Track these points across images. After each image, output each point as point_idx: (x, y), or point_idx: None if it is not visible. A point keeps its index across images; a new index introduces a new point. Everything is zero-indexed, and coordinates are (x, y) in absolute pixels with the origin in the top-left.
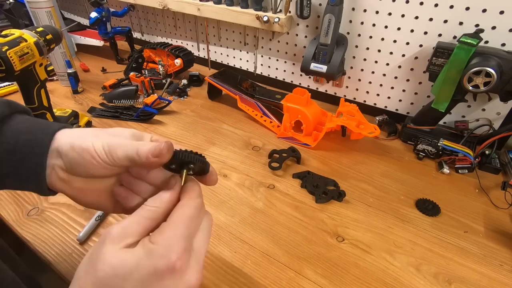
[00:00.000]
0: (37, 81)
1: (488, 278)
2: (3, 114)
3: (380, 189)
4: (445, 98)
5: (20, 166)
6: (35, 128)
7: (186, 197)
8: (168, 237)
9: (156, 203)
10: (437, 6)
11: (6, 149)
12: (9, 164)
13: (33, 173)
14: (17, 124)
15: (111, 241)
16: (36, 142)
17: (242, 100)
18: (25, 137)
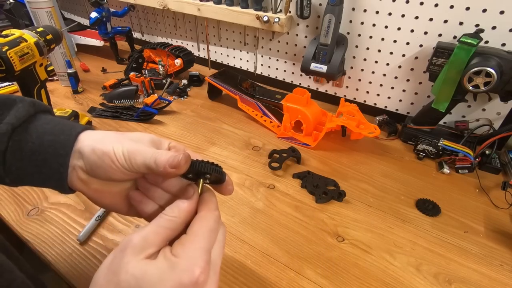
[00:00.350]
0: (37, 81)
1: (488, 278)
2: (28, 114)
3: (380, 189)
4: (445, 98)
5: (44, 165)
6: (59, 129)
7: (205, 209)
8: (191, 251)
9: (175, 212)
10: (437, 6)
11: (31, 149)
12: (33, 163)
13: (56, 172)
14: (42, 124)
15: (132, 250)
16: (60, 143)
17: (242, 100)
18: (49, 138)
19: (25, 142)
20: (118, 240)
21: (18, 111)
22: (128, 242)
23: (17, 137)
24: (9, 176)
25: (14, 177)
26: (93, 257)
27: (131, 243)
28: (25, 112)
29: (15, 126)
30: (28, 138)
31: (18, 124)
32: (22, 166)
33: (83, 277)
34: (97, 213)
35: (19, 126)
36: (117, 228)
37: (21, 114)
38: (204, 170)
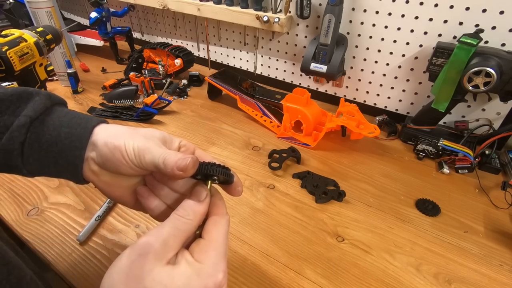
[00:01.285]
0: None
1: (488, 278)
2: (45, 106)
3: (380, 189)
4: (445, 98)
5: (60, 157)
6: (75, 122)
7: (219, 212)
8: (213, 257)
9: (190, 215)
10: (437, 6)
11: (48, 141)
12: (50, 155)
13: (71, 164)
14: (59, 117)
15: (155, 256)
16: (76, 136)
17: (242, 100)
18: (66, 131)
19: (43, 134)
20: (118, 240)
21: (35, 103)
22: (149, 248)
23: (35, 129)
24: (26, 167)
25: (31, 168)
26: (93, 257)
27: (153, 248)
28: (42, 105)
29: (33, 118)
30: (45, 130)
31: (35, 116)
32: (39, 157)
33: (83, 277)
34: (96, 213)
35: (37, 118)
36: (117, 228)
37: (39, 107)
38: (211, 173)
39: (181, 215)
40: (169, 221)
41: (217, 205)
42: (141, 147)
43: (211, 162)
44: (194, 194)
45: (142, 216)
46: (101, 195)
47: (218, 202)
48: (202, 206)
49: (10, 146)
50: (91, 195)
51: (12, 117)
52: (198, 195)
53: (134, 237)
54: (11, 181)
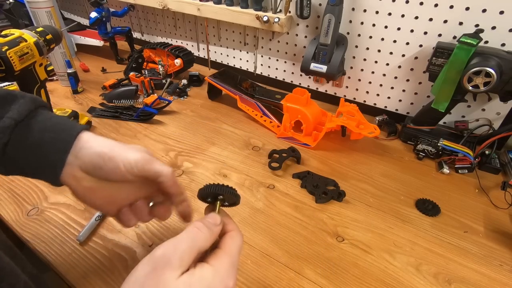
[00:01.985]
0: (37, 81)
1: (488, 278)
2: (29, 109)
3: (380, 189)
4: (445, 98)
5: (42, 159)
6: (59, 128)
7: (235, 229)
8: (226, 263)
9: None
10: (437, 6)
11: (32, 143)
12: (33, 157)
13: (51, 166)
14: (44, 120)
15: (171, 271)
16: (60, 141)
17: (242, 100)
18: (50, 135)
19: (26, 137)
20: (118, 240)
21: (20, 106)
22: (166, 261)
23: (19, 131)
24: (5, 166)
25: (10, 168)
26: (93, 257)
27: (169, 262)
28: (27, 107)
29: (18, 121)
30: (29, 133)
31: (20, 119)
32: (20, 158)
33: (82, 277)
34: (96, 213)
35: (22, 121)
36: (116, 228)
37: (23, 109)
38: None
39: (199, 229)
40: (186, 235)
41: (231, 224)
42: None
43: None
44: (209, 217)
45: None
46: None
47: (231, 221)
48: (219, 228)
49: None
50: None
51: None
52: (213, 218)
53: (134, 237)
54: (11, 181)
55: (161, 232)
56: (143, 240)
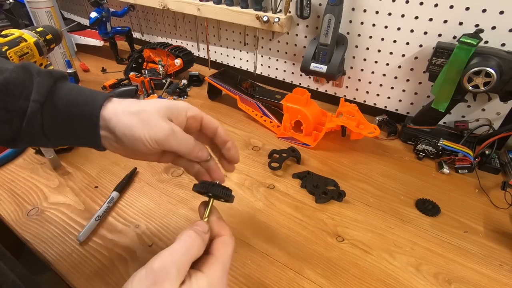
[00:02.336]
0: None
1: (488, 278)
2: (49, 87)
3: (380, 189)
4: (445, 98)
5: (78, 132)
6: (81, 101)
7: (227, 233)
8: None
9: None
10: (437, 6)
11: (62, 121)
12: (68, 131)
13: (89, 138)
14: (65, 96)
15: (171, 283)
16: (86, 116)
17: (242, 100)
18: (76, 110)
19: (55, 115)
20: (118, 240)
21: (38, 85)
22: (165, 275)
23: (47, 111)
24: (51, 141)
25: (55, 142)
26: (93, 257)
27: (168, 275)
28: (46, 85)
29: (41, 102)
30: (56, 111)
31: (43, 100)
32: (59, 134)
33: (83, 277)
34: (96, 213)
35: (45, 101)
36: (117, 228)
37: (43, 89)
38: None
39: (193, 239)
40: (181, 245)
41: (223, 228)
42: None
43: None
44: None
45: (142, 216)
46: (101, 195)
47: (224, 225)
48: (207, 236)
49: (32, 130)
50: (91, 195)
51: (26, 102)
52: (201, 226)
53: (134, 237)
54: (11, 181)
55: (161, 232)
56: (143, 240)
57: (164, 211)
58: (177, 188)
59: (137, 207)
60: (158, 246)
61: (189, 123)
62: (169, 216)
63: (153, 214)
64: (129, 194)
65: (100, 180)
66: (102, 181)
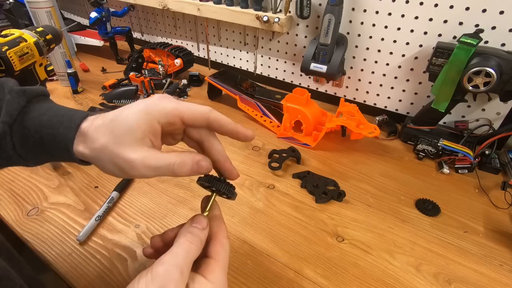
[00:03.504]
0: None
1: (488, 278)
2: (19, 106)
3: (380, 189)
4: (445, 98)
5: (52, 154)
6: (56, 121)
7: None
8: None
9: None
10: (437, 6)
11: (34, 143)
12: (42, 152)
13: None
14: (38, 116)
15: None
16: (60, 137)
17: (242, 100)
18: (48, 131)
19: (26, 137)
20: (118, 240)
21: (8, 104)
22: (170, 279)
23: (17, 133)
24: (30, 162)
25: (34, 161)
26: (93, 257)
27: (173, 279)
28: (16, 104)
29: (10, 123)
30: (26, 133)
31: (12, 121)
32: (35, 154)
33: (82, 277)
34: (96, 213)
35: (15, 121)
36: (116, 228)
37: (12, 108)
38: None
39: (190, 241)
40: (181, 249)
41: (221, 229)
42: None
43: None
44: (196, 221)
45: (142, 216)
46: (101, 195)
47: (222, 224)
48: (206, 232)
49: (5, 153)
50: (91, 195)
51: None
52: (200, 223)
53: (134, 237)
54: (11, 181)
55: (161, 232)
56: (143, 240)
57: (164, 211)
58: (177, 188)
59: (137, 207)
60: None
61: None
62: (169, 216)
63: (153, 214)
64: (129, 194)
65: (100, 180)
66: (102, 181)
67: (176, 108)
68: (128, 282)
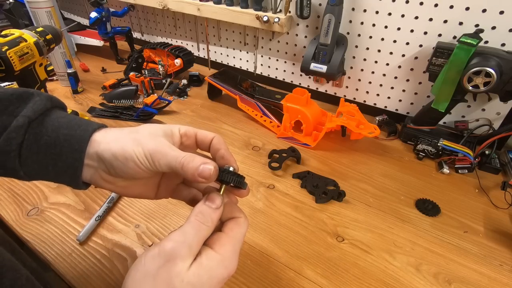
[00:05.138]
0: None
1: (488, 278)
2: (45, 107)
3: (380, 189)
4: (445, 98)
5: (59, 159)
6: (75, 124)
7: (242, 215)
8: (230, 251)
9: (209, 222)
10: (437, 6)
11: (46, 142)
12: (49, 156)
13: (70, 167)
14: (58, 118)
15: (182, 260)
16: (75, 138)
17: (242, 100)
18: (65, 132)
19: (41, 135)
20: (118, 240)
21: (35, 104)
22: (176, 253)
23: (33, 130)
24: (24, 169)
25: (29, 170)
26: (93, 257)
27: (180, 254)
28: (42, 105)
29: (31, 119)
30: (43, 131)
31: (34, 117)
32: (38, 159)
33: (83, 277)
34: (96, 213)
35: (36, 119)
36: (116, 228)
37: (38, 108)
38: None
39: (201, 221)
40: (191, 227)
41: (237, 209)
42: (153, 152)
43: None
44: (210, 200)
45: (142, 216)
46: (101, 195)
47: (237, 207)
48: (219, 212)
49: (7, 148)
50: (91, 195)
51: (11, 117)
52: (214, 201)
53: (134, 237)
54: (11, 181)
55: (161, 232)
56: (143, 240)
57: (164, 211)
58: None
59: (137, 207)
60: None
61: (183, 141)
62: (169, 216)
63: (153, 214)
64: None
65: None
66: None
67: (192, 128)
68: None
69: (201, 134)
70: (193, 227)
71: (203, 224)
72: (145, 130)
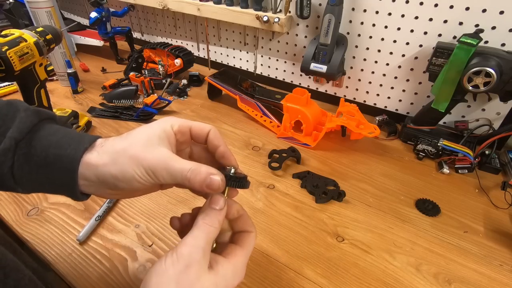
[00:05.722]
0: (37, 81)
1: (488, 278)
2: (31, 124)
3: (380, 189)
4: (445, 98)
5: (52, 177)
6: (64, 143)
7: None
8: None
9: (216, 224)
10: (437, 6)
11: (37, 163)
12: (42, 175)
13: (65, 185)
14: (47, 136)
15: (199, 266)
16: (66, 157)
17: (242, 100)
18: (54, 152)
19: (30, 155)
20: (118, 240)
21: (21, 122)
22: (193, 259)
23: (22, 151)
24: (20, 186)
25: (26, 187)
26: (93, 257)
27: (196, 259)
28: (29, 122)
29: (18, 140)
30: (32, 151)
31: (21, 137)
32: (31, 178)
33: (83, 277)
34: (96, 213)
35: (23, 139)
36: (116, 228)
37: (24, 126)
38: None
39: (210, 224)
40: (201, 231)
41: (250, 223)
42: (155, 168)
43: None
44: (214, 202)
45: (142, 216)
46: None
47: (248, 220)
48: (223, 213)
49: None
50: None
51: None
52: (218, 203)
53: (134, 237)
54: None
55: (161, 232)
56: (143, 240)
57: (164, 211)
58: (177, 188)
59: (137, 207)
60: (158, 246)
61: (178, 138)
62: (169, 216)
63: (153, 214)
64: None
65: None
66: None
67: (186, 120)
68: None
69: (196, 127)
70: (202, 231)
71: (211, 227)
72: (140, 141)
